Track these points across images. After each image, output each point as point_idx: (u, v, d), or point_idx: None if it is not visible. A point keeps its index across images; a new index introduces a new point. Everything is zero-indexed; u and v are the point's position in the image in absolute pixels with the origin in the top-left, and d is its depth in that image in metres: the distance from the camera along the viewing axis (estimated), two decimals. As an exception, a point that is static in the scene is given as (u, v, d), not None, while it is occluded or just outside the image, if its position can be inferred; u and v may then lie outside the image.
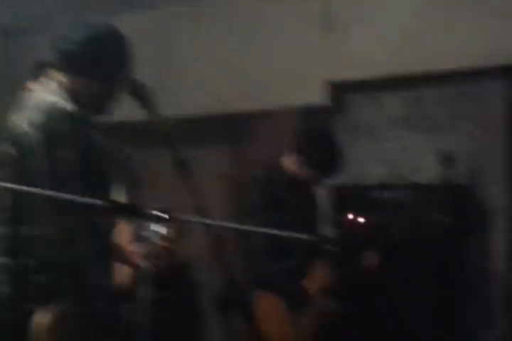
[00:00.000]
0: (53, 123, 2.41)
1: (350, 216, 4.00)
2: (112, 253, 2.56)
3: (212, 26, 5.31)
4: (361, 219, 3.98)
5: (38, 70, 3.22)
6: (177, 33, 5.42)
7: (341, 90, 5.05)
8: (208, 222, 2.15)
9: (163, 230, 1.93)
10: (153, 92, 2.56)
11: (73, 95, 2.55)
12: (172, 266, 4.26)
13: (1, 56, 6.05)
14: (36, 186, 2.20)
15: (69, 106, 2.46)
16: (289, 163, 3.85)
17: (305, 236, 2.06)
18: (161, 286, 2.03)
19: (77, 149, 2.40)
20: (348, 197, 4.75)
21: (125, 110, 3.10)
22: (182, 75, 5.33)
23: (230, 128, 5.34)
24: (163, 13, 5.47)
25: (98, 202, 1.86)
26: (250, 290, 3.69)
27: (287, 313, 3.70)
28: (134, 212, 1.83)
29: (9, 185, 2.27)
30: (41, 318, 2.31)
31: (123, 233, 2.76)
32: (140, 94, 2.53)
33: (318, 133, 3.95)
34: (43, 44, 2.68)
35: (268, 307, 3.68)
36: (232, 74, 5.19)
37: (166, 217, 1.84)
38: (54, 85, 2.57)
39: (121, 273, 2.66)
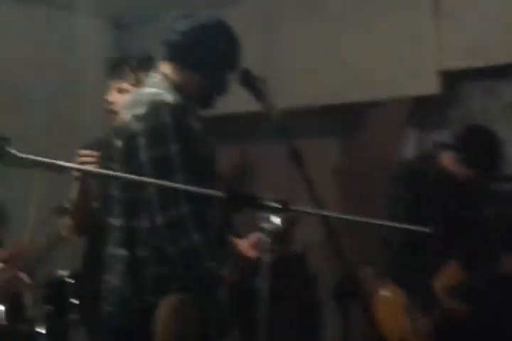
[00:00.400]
0: (153, 114, 2.43)
1: None
2: (228, 242, 2.57)
3: (321, 15, 5.25)
4: None
5: (114, 69, 3.28)
6: (285, 24, 5.39)
7: (454, 79, 4.92)
8: (323, 212, 2.12)
9: (278, 221, 1.92)
10: (265, 83, 2.55)
11: (179, 87, 2.56)
12: (287, 256, 4.27)
13: (113, 49, 6.17)
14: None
15: (170, 97, 2.47)
16: (446, 160, 3.67)
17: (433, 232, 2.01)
18: (277, 278, 2.01)
19: (180, 140, 2.40)
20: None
21: (237, 101, 3.11)
22: (292, 66, 5.31)
23: (341, 120, 5.29)
24: (269, 4, 5.46)
25: (214, 192, 1.86)
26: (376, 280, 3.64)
27: (409, 309, 3.62)
28: (250, 203, 1.83)
29: (127, 176, 2.29)
30: (162, 308, 2.34)
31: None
32: (252, 84, 2.52)
33: (479, 130, 3.74)
34: (153, 37, 2.70)
35: (390, 300, 3.62)
36: (342, 64, 5.13)
37: (282, 207, 1.82)
38: (159, 78, 2.58)
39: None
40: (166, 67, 2.62)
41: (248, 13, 5.44)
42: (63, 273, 4.52)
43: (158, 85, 2.54)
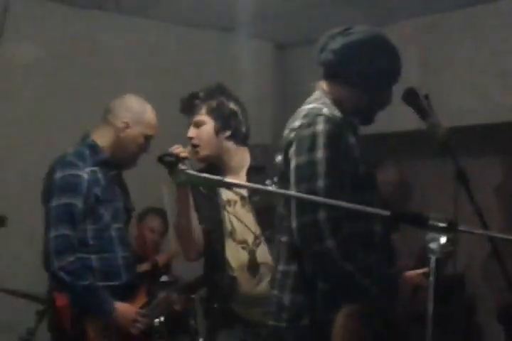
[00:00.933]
0: (307, 124, 2.44)
1: None
2: (394, 260, 2.54)
3: (487, 30, 5.13)
4: None
5: (185, 106, 3.35)
6: (447, 40, 5.30)
7: None
8: (490, 233, 2.07)
9: (443, 240, 1.88)
10: (429, 101, 2.52)
11: (338, 103, 2.56)
12: (447, 277, 4.15)
13: (275, 70, 6.27)
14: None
15: (327, 110, 2.47)
16: None
17: None
18: (440, 299, 1.97)
19: (329, 148, 2.39)
20: None
21: (397, 119, 3.08)
22: (454, 83, 5.21)
23: (504, 139, 5.14)
24: (431, 20, 5.39)
25: (379, 210, 1.86)
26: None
27: None
28: (416, 222, 1.81)
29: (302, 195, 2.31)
30: (336, 323, 2.32)
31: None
32: (417, 102, 2.50)
33: None
34: (311, 56, 2.72)
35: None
36: (507, 81, 4.98)
37: (450, 227, 1.79)
38: (319, 95, 2.60)
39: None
40: (324, 85, 2.63)
41: (410, 31, 5.39)
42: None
43: (317, 101, 2.56)
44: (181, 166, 1.97)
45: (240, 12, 5.23)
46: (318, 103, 2.53)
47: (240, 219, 3.33)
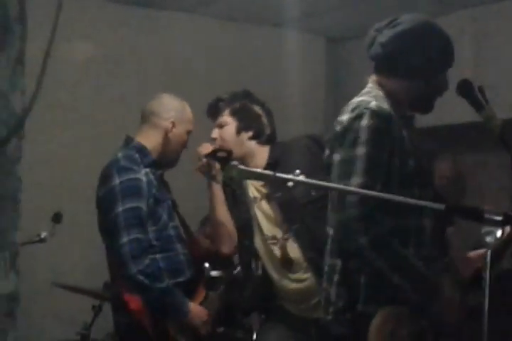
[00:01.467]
0: (352, 118, 2.44)
1: None
2: (446, 253, 2.51)
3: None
4: None
5: (211, 110, 3.36)
6: (501, 30, 5.21)
7: None
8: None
9: (498, 234, 1.85)
10: (484, 93, 2.48)
11: (391, 96, 2.54)
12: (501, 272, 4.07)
13: (327, 64, 6.24)
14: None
15: (375, 104, 2.45)
16: None
17: None
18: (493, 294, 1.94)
19: (372, 144, 2.38)
20: None
21: (452, 112, 3.03)
22: (508, 73, 5.12)
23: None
24: (485, 11, 5.30)
25: (434, 204, 1.83)
26: None
27: None
28: (471, 215, 1.78)
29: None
30: (374, 321, 2.33)
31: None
32: (471, 94, 2.46)
33: None
34: (363, 50, 2.70)
35: None
36: None
37: (506, 220, 1.76)
38: (370, 87, 2.59)
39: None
40: (376, 78, 2.61)
41: (464, 22, 5.31)
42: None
43: (368, 94, 2.54)
44: (233, 162, 1.97)
45: (291, 7, 5.22)
46: (369, 96, 2.52)
47: (267, 215, 3.37)
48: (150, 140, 3.40)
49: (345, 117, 2.47)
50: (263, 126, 3.43)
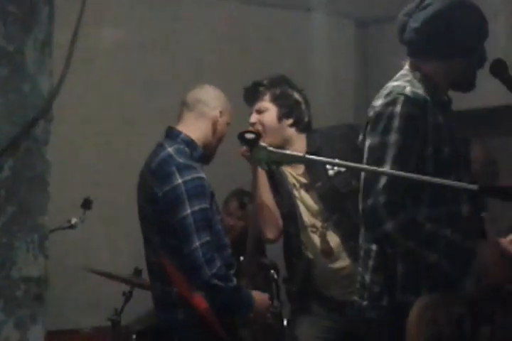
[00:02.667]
0: (386, 104, 2.41)
1: None
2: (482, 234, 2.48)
3: None
4: None
5: (249, 95, 3.31)
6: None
7: None
8: None
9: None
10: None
11: (428, 79, 2.50)
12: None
13: (355, 47, 6.19)
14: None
15: (410, 89, 2.42)
16: None
17: None
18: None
19: (404, 131, 2.36)
20: None
21: (486, 95, 2.98)
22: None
23: None
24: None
25: (467, 185, 1.81)
26: None
27: None
28: (505, 195, 1.75)
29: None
30: (413, 310, 2.30)
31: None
32: (505, 74, 2.41)
33: None
34: (393, 34, 2.66)
35: None
36: None
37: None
38: (406, 71, 2.55)
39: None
40: (411, 62, 2.58)
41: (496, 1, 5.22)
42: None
43: (403, 78, 2.51)
44: (262, 143, 1.95)
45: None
46: (404, 80, 2.49)
47: (306, 204, 3.37)
48: (197, 131, 3.28)
49: (379, 102, 2.45)
50: (303, 114, 3.41)
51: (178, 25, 5.30)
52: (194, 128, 3.29)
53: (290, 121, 3.37)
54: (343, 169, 3.28)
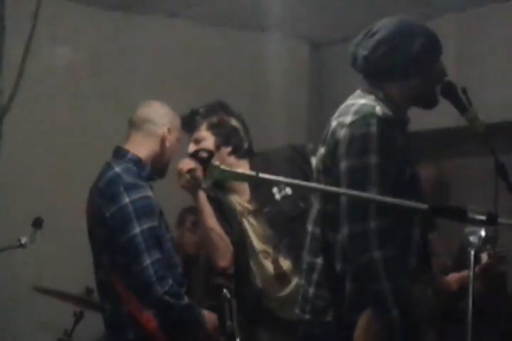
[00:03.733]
0: (360, 123, 2.38)
1: None
2: (430, 261, 2.49)
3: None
4: None
5: (186, 123, 3.34)
6: (485, 33, 5.23)
7: None
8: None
9: (482, 234, 1.83)
10: (467, 94, 2.47)
11: (389, 99, 2.51)
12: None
13: (310, 68, 6.23)
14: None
15: (379, 109, 2.42)
16: None
17: None
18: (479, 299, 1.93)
19: (382, 152, 2.34)
20: None
21: (440, 116, 3.02)
22: (492, 77, 5.15)
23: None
24: (470, 15, 5.32)
25: (417, 204, 1.82)
26: None
27: None
28: (455, 215, 1.77)
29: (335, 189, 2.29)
30: (359, 324, 2.31)
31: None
32: (455, 96, 2.45)
33: None
34: (347, 55, 2.68)
35: None
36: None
37: (489, 220, 1.75)
38: (366, 91, 2.56)
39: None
40: (368, 82, 2.58)
41: (448, 25, 5.32)
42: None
43: (368, 97, 2.50)
44: (215, 162, 1.95)
45: (274, 12, 5.21)
46: (370, 99, 2.48)
47: (256, 230, 3.37)
48: (145, 149, 3.26)
49: (348, 119, 2.42)
50: (242, 140, 3.39)
51: (130, 45, 5.28)
52: (142, 147, 3.27)
53: (229, 149, 3.36)
54: (289, 192, 3.28)
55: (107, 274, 3.19)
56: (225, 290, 3.42)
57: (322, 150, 2.50)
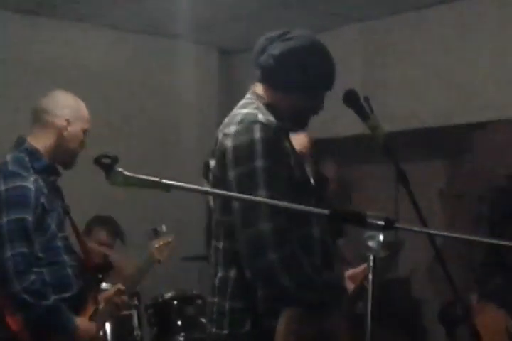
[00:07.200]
0: (243, 131, 2.39)
1: None
2: (333, 265, 2.52)
3: (432, 35, 5.20)
4: None
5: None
6: (390, 44, 5.36)
7: None
8: (428, 230, 2.06)
9: (381, 238, 1.87)
10: (369, 102, 2.52)
11: (272, 108, 2.53)
12: (391, 281, 4.19)
13: (218, 76, 6.26)
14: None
15: (262, 116, 2.43)
16: None
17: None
18: (381, 303, 1.96)
19: (268, 157, 2.35)
20: None
21: (340, 124, 3.08)
22: (395, 86, 5.27)
23: (446, 142, 5.21)
24: (376, 26, 5.44)
25: (318, 209, 1.84)
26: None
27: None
28: (353, 220, 1.80)
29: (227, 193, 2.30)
30: (278, 327, 2.30)
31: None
32: (357, 103, 2.50)
33: None
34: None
35: (490, 318, 3.55)
36: (449, 85, 5.06)
37: (387, 225, 1.79)
38: (253, 98, 2.56)
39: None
40: (259, 88, 2.60)
41: (353, 35, 5.43)
42: (168, 294, 4.58)
43: (250, 106, 2.53)
44: (118, 168, 1.92)
45: (183, 19, 5.23)
46: (252, 108, 2.49)
47: None
48: (43, 141, 3.19)
49: (232, 129, 2.42)
50: None
51: (39, 49, 5.23)
52: (40, 139, 3.20)
53: None
54: None
55: None
56: (133, 298, 3.41)
57: (212, 162, 2.51)
